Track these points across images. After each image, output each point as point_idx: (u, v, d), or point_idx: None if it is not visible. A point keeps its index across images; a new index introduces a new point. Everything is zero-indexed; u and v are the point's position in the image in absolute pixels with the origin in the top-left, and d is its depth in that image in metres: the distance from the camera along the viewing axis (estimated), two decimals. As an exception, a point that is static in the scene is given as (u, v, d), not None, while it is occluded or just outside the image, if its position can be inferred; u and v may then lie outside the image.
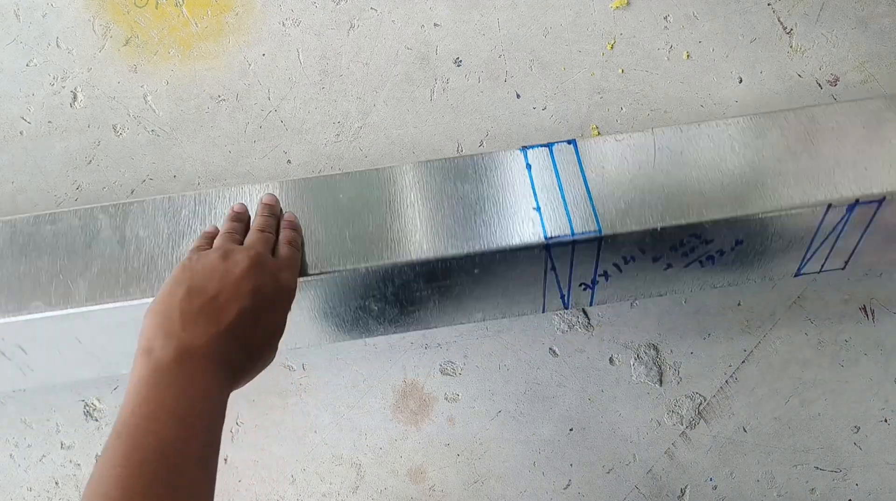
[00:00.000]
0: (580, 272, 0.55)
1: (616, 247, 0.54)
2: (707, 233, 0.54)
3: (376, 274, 0.53)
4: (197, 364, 0.43)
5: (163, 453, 0.40)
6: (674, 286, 0.57)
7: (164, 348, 0.43)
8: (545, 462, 0.66)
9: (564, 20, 0.61)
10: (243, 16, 0.61)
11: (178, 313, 0.45)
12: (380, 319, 0.56)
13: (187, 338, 0.44)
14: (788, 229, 0.55)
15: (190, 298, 0.46)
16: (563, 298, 0.55)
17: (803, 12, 0.62)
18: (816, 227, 0.55)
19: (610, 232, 0.52)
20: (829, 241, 0.56)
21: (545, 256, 0.53)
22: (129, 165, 0.61)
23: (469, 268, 0.54)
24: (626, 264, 0.55)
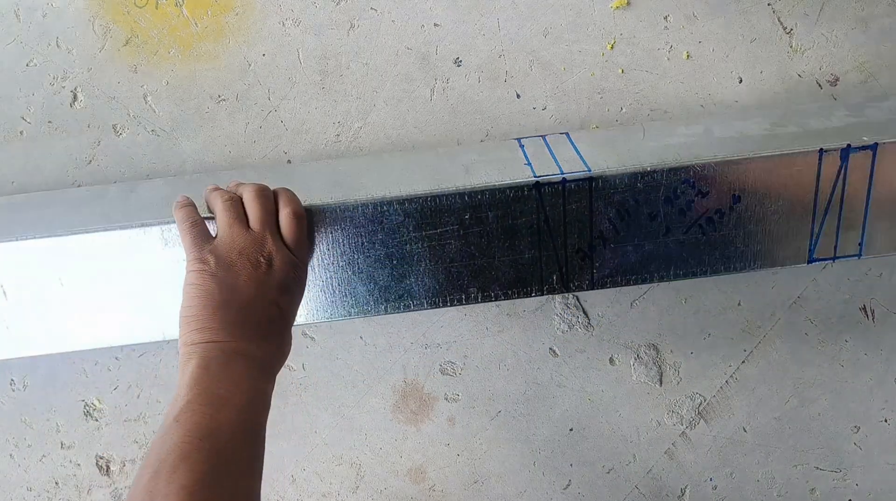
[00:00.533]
0: (575, 230, 0.54)
1: (608, 194, 0.54)
2: (699, 180, 0.53)
3: (364, 212, 0.54)
4: (241, 361, 0.50)
5: (219, 433, 0.46)
6: (679, 267, 0.56)
7: (210, 350, 0.49)
8: (545, 462, 0.66)
9: (564, 20, 0.61)
10: (243, 16, 0.61)
11: (217, 323, 0.50)
12: (369, 284, 0.56)
13: (231, 342, 0.50)
14: (787, 184, 0.54)
15: (227, 308, 0.50)
16: (562, 271, 0.55)
17: (803, 12, 0.62)
18: (815, 184, 0.55)
19: (599, 173, 0.53)
20: (833, 209, 0.55)
21: (536, 199, 0.53)
22: (129, 165, 0.61)
23: (459, 211, 0.54)
24: (622, 221, 0.54)
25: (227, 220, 0.53)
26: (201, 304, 0.50)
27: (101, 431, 0.64)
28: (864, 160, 0.55)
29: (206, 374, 0.49)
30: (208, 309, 0.50)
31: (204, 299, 0.51)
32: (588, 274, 0.56)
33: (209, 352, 0.49)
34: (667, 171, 0.54)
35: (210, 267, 0.51)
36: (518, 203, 0.54)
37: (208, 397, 0.48)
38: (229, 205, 0.53)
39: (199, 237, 0.53)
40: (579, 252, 0.55)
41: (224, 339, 0.50)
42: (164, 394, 0.65)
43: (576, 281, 0.56)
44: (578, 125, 0.62)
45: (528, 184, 0.54)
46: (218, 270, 0.51)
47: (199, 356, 0.49)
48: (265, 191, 0.55)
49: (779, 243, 0.55)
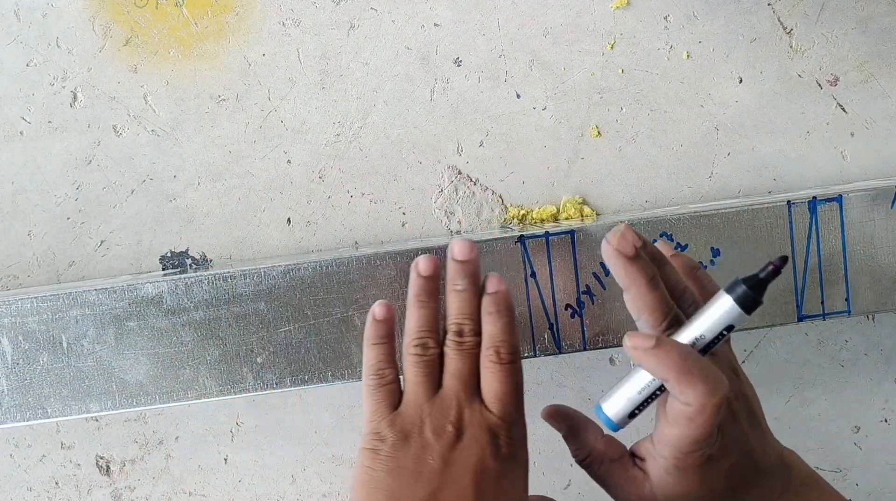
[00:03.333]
0: (561, 285, 0.55)
1: (590, 246, 0.55)
2: (676, 233, 0.54)
3: (359, 265, 0.54)
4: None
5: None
6: None
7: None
8: (545, 462, 0.66)
9: (564, 20, 0.61)
10: (243, 16, 0.61)
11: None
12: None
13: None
14: (762, 237, 0.55)
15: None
16: (553, 329, 0.55)
17: (803, 12, 0.62)
18: (790, 237, 0.56)
19: (579, 226, 0.54)
20: (812, 263, 0.56)
21: (522, 253, 0.53)
22: (129, 165, 0.61)
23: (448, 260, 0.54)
24: (607, 275, 0.55)
25: (414, 377, 0.44)
26: (366, 499, 0.41)
27: (101, 431, 0.64)
28: (833, 212, 0.56)
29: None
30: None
31: (370, 492, 0.41)
32: (578, 334, 0.56)
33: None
34: (644, 224, 0.55)
35: (387, 445, 0.42)
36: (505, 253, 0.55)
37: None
38: (419, 355, 0.44)
39: (383, 400, 0.44)
40: (567, 307, 0.55)
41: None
42: (164, 394, 0.65)
43: (568, 341, 0.56)
44: (578, 125, 0.62)
45: (514, 237, 0.55)
46: (394, 450, 0.42)
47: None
48: (471, 326, 0.45)
49: (766, 299, 0.56)
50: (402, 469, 0.41)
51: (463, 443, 0.42)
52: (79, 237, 0.62)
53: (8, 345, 0.54)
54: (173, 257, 0.62)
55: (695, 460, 0.42)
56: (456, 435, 0.42)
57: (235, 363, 0.55)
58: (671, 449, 0.42)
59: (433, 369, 0.45)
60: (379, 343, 0.47)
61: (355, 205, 0.62)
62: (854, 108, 0.63)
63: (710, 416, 0.40)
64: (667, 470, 0.43)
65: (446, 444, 0.42)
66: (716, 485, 0.43)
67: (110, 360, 0.54)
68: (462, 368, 0.45)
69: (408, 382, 0.45)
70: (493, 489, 0.42)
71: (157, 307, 0.54)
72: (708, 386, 0.40)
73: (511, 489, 0.43)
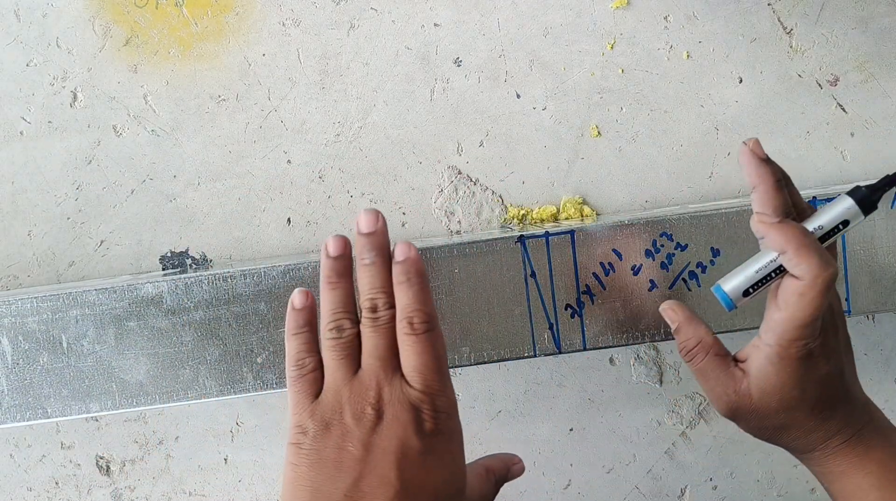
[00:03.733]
0: (561, 285, 0.55)
1: (590, 246, 0.55)
2: (677, 233, 0.54)
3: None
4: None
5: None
6: (668, 325, 0.56)
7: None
8: (545, 462, 0.66)
9: (564, 20, 0.61)
10: (243, 16, 0.61)
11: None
12: None
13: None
14: None
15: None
16: (553, 329, 0.55)
17: (803, 12, 0.62)
18: None
19: (579, 226, 0.55)
20: None
21: (522, 253, 0.53)
22: (129, 165, 0.61)
23: (448, 261, 0.54)
24: (607, 275, 0.55)
25: (332, 362, 0.43)
26: (290, 499, 0.40)
27: (101, 431, 0.64)
28: None
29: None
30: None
31: (293, 490, 0.40)
32: (578, 334, 0.56)
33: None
34: (643, 224, 0.55)
35: (308, 438, 0.41)
36: (504, 254, 0.55)
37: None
38: (335, 338, 0.43)
39: (304, 390, 0.43)
40: (567, 307, 0.55)
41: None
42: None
43: (568, 341, 0.56)
44: (578, 125, 0.62)
45: (514, 237, 0.55)
46: (315, 442, 0.41)
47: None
48: (384, 299, 0.44)
49: (766, 300, 0.56)
50: (324, 461, 0.40)
51: (383, 424, 0.41)
52: (79, 237, 0.62)
53: (8, 345, 0.54)
54: (173, 257, 0.62)
55: (797, 350, 0.44)
56: (376, 417, 0.41)
57: (235, 363, 0.55)
58: (777, 336, 0.44)
59: (351, 351, 0.44)
60: (299, 332, 0.45)
61: (355, 205, 0.62)
62: (854, 108, 0.63)
63: (820, 291, 0.42)
64: (769, 360, 0.45)
65: (367, 428, 0.41)
66: (809, 388, 0.45)
67: (110, 360, 0.54)
68: (379, 345, 0.43)
69: (327, 368, 0.43)
70: (418, 467, 0.40)
71: (157, 307, 0.54)
72: (822, 260, 0.43)
73: (440, 463, 0.41)
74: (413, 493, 0.40)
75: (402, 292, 0.44)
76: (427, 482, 0.40)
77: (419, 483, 0.40)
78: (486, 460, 0.50)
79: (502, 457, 0.50)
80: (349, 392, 0.42)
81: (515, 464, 0.50)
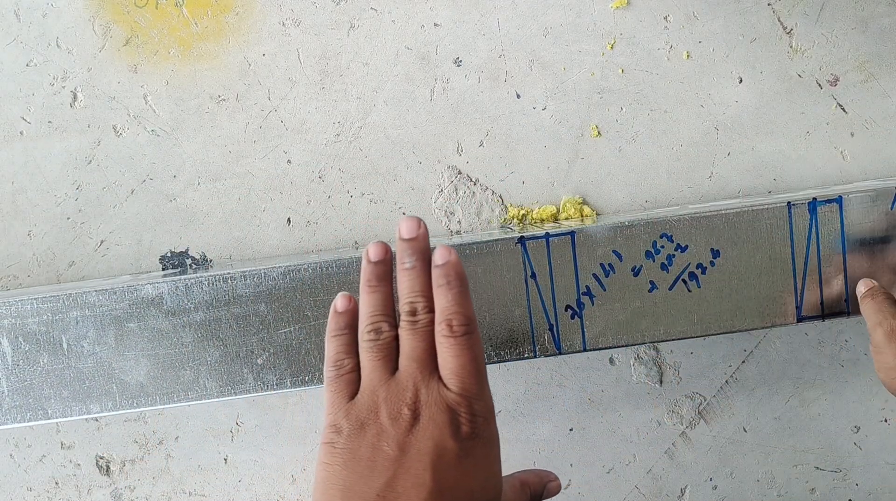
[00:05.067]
0: (562, 286, 0.55)
1: (590, 247, 0.55)
2: (677, 234, 0.54)
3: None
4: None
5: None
6: (670, 326, 0.56)
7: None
8: (545, 462, 0.66)
9: (564, 20, 0.61)
10: (243, 16, 0.61)
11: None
12: None
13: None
14: (762, 239, 0.55)
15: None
16: (553, 330, 0.55)
17: (803, 12, 0.62)
18: (790, 238, 0.56)
19: (580, 227, 0.54)
20: (812, 264, 0.56)
21: (522, 253, 0.53)
22: (129, 165, 0.61)
23: None
24: (607, 276, 0.55)
25: (369, 362, 0.43)
26: (321, 498, 0.39)
27: (102, 431, 0.64)
28: (833, 213, 0.56)
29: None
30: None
31: (325, 489, 0.39)
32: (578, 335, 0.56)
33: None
34: (644, 225, 0.55)
35: (342, 437, 0.41)
36: (504, 256, 0.55)
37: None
38: (373, 340, 0.43)
39: (341, 391, 0.43)
40: (567, 308, 0.55)
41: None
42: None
43: (568, 342, 0.56)
44: (578, 125, 0.62)
45: (514, 238, 0.55)
46: (349, 441, 0.40)
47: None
48: (424, 303, 0.43)
49: (765, 301, 0.56)
50: (358, 460, 0.40)
51: (420, 426, 0.40)
52: (79, 237, 0.62)
53: (8, 346, 0.54)
54: (173, 257, 0.62)
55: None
56: (413, 418, 0.40)
57: (236, 364, 0.55)
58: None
59: (388, 353, 0.43)
60: (339, 334, 0.45)
61: (355, 205, 0.62)
62: (854, 108, 0.63)
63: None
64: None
65: (403, 429, 0.40)
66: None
67: (110, 361, 0.54)
68: (416, 347, 0.43)
69: (364, 369, 0.43)
70: (454, 470, 0.40)
71: (157, 308, 0.54)
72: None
73: (476, 468, 0.41)
74: (447, 496, 0.39)
75: (442, 295, 0.44)
76: (462, 485, 0.40)
77: (454, 486, 0.39)
78: (523, 474, 0.49)
79: (539, 473, 0.49)
80: (386, 392, 0.42)
81: (552, 481, 0.49)
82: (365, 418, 0.41)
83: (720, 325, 0.56)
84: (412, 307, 0.44)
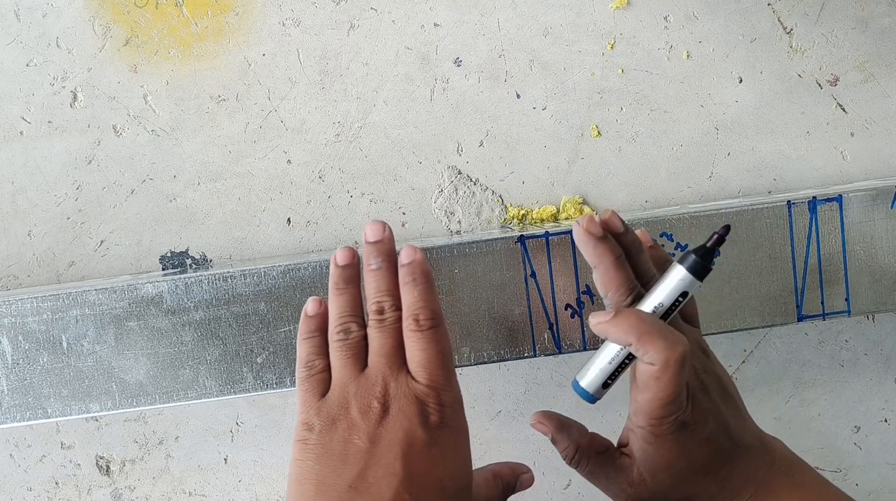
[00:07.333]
0: (561, 285, 0.55)
1: None
2: (676, 233, 0.55)
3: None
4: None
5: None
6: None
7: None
8: (545, 462, 0.66)
9: (564, 20, 0.61)
10: (243, 16, 0.61)
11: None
12: None
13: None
14: (762, 238, 0.55)
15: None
16: (553, 329, 0.55)
17: (803, 12, 0.62)
18: (790, 237, 0.56)
19: None
20: (812, 263, 0.56)
21: (522, 253, 0.53)
22: (129, 165, 0.61)
23: (448, 261, 0.54)
24: None
25: (339, 361, 0.44)
26: (295, 494, 0.40)
27: (102, 431, 0.64)
28: (833, 212, 0.56)
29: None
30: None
31: (298, 486, 0.40)
32: (578, 335, 0.56)
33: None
34: (644, 224, 0.55)
35: (314, 434, 0.42)
36: (504, 254, 0.55)
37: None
38: (342, 340, 0.44)
39: (312, 390, 0.44)
40: (567, 307, 0.55)
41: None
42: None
43: (568, 341, 0.56)
44: (578, 125, 0.62)
45: (514, 237, 0.55)
46: (321, 437, 0.41)
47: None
48: (391, 302, 0.44)
49: (765, 300, 0.56)
50: (330, 455, 0.41)
51: (389, 417, 0.41)
52: (79, 237, 0.62)
53: (8, 345, 0.54)
54: (173, 257, 0.62)
55: (668, 426, 0.44)
56: (382, 411, 0.41)
57: (235, 363, 0.55)
58: (645, 417, 0.44)
59: (357, 351, 0.44)
60: (310, 337, 0.46)
61: (355, 205, 0.62)
62: (854, 108, 0.63)
63: (675, 371, 0.42)
64: (646, 440, 0.45)
65: (373, 421, 0.41)
66: (695, 455, 0.45)
67: (110, 360, 0.54)
68: (385, 344, 0.44)
69: (334, 368, 0.44)
70: (424, 459, 0.40)
71: (157, 307, 0.54)
72: (668, 341, 0.42)
73: (445, 457, 0.42)
74: (418, 484, 0.40)
75: (408, 291, 0.45)
76: (432, 474, 0.40)
77: (424, 475, 0.40)
78: (495, 466, 0.50)
79: (512, 465, 0.50)
80: (356, 387, 0.43)
81: (525, 473, 0.50)
82: (336, 414, 0.42)
83: (720, 325, 0.56)
84: (379, 306, 0.45)
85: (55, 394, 0.54)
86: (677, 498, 0.46)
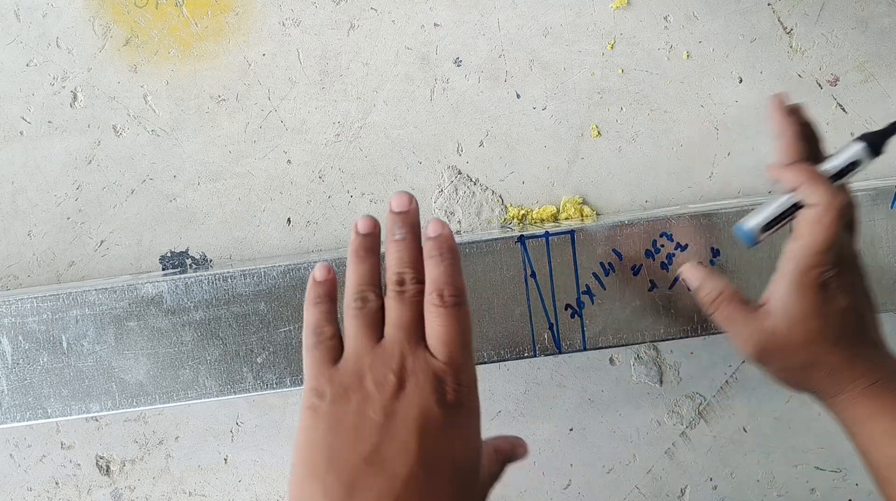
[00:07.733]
0: (561, 285, 0.55)
1: (590, 246, 0.55)
2: (676, 233, 0.54)
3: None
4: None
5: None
6: (670, 325, 0.56)
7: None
8: (545, 462, 0.66)
9: (564, 20, 0.61)
10: (243, 16, 0.61)
11: (321, 495, 0.38)
12: None
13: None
14: None
15: (338, 471, 0.38)
16: (553, 329, 0.55)
17: (803, 12, 0.62)
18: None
19: (579, 226, 0.55)
20: None
21: (522, 253, 0.53)
22: (129, 165, 0.61)
23: None
24: (607, 276, 0.55)
25: (354, 330, 0.42)
26: (304, 462, 0.39)
27: (102, 431, 0.64)
28: None
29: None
30: (312, 475, 0.38)
31: (308, 454, 0.39)
32: (578, 334, 0.56)
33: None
34: (644, 224, 0.55)
35: (325, 402, 0.40)
36: (504, 255, 0.55)
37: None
38: (359, 308, 0.43)
39: (323, 357, 0.42)
40: (567, 307, 0.55)
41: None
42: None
43: (568, 341, 0.56)
44: (578, 125, 0.62)
45: (514, 237, 0.55)
46: (333, 406, 0.40)
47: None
48: (412, 274, 0.43)
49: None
50: (343, 426, 0.39)
51: (405, 392, 0.40)
52: (79, 237, 0.62)
53: (8, 345, 0.54)
54: (173, 257, 0.62)
55: (814, 277, 0.46)
56: (398, 385, 0.40)
57: (235, 363, 0.55)
58: (794, 263, 0.46)
59: (374, 321, 0.43)
60: (319, 302, 0.44)
61: (355, 205, 0.62)
62: (854, 108, 0.63)
63: (833, 217, 0.45)
64: (789, 289, 0.46)
65: (388, 395, 0.40)
66: (830, 321, 0.46)
67: (110, 360, 0.54)
68: (403, 315, 0.42)
69: (348, 337, 0.43)
70: (438, 438, 0.39)
71: (157, 307, 0.54)
72: (834, 189, 0.46)
73: (459, 437, 0.41)
74: (433, 462, 0.39)
75: (434, 266, 0.43)
76: (446, 452, 0.40)
77: (439, 453, 0.39)
78: (495, 441, 0.50)
79: (509, 439, 0.50)
80: (371, 358, 0.41)
81: (520, 446, 0.50)
82: (349, 384, 0.41)
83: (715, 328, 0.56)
84: (400, 277, 0.44)
85: (55, 394, 0.54)
86: (801, 359, 0.47)
